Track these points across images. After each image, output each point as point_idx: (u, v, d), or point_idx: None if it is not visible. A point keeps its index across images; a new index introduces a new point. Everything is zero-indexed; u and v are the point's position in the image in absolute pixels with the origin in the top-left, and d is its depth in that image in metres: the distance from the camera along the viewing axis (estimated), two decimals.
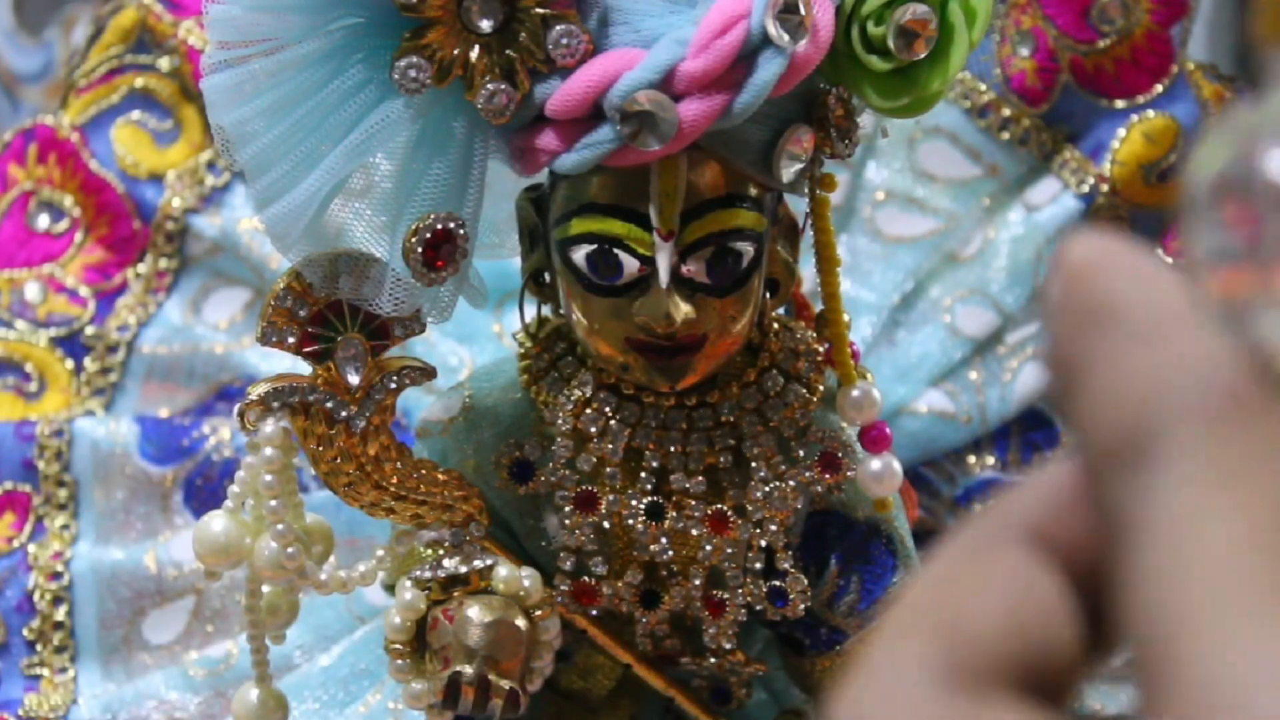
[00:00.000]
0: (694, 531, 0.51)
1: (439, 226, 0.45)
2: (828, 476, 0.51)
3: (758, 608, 0.52)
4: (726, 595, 0.52)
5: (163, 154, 0.70)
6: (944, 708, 0.20)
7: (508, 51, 0.44)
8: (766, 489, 0.50)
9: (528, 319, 0.53)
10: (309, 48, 0.43)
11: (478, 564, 0.51)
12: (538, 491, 0.52)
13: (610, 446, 0.50)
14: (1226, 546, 0.19)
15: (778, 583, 0.51)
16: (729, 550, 0.51)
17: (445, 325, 0.50)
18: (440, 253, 0.45)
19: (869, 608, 0.53)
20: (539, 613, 0.51)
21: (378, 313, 0.47)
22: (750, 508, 0.51)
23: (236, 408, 0.48)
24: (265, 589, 0.52)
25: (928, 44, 0.45)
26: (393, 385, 0.48)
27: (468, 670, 0.49)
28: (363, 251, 0.47)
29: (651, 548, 0.51)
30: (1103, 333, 0.21)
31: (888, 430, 0.51)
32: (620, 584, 0.52)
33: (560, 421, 0.51)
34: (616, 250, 0.47)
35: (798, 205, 0.51)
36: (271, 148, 0.44)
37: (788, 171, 0.47)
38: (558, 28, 0.44)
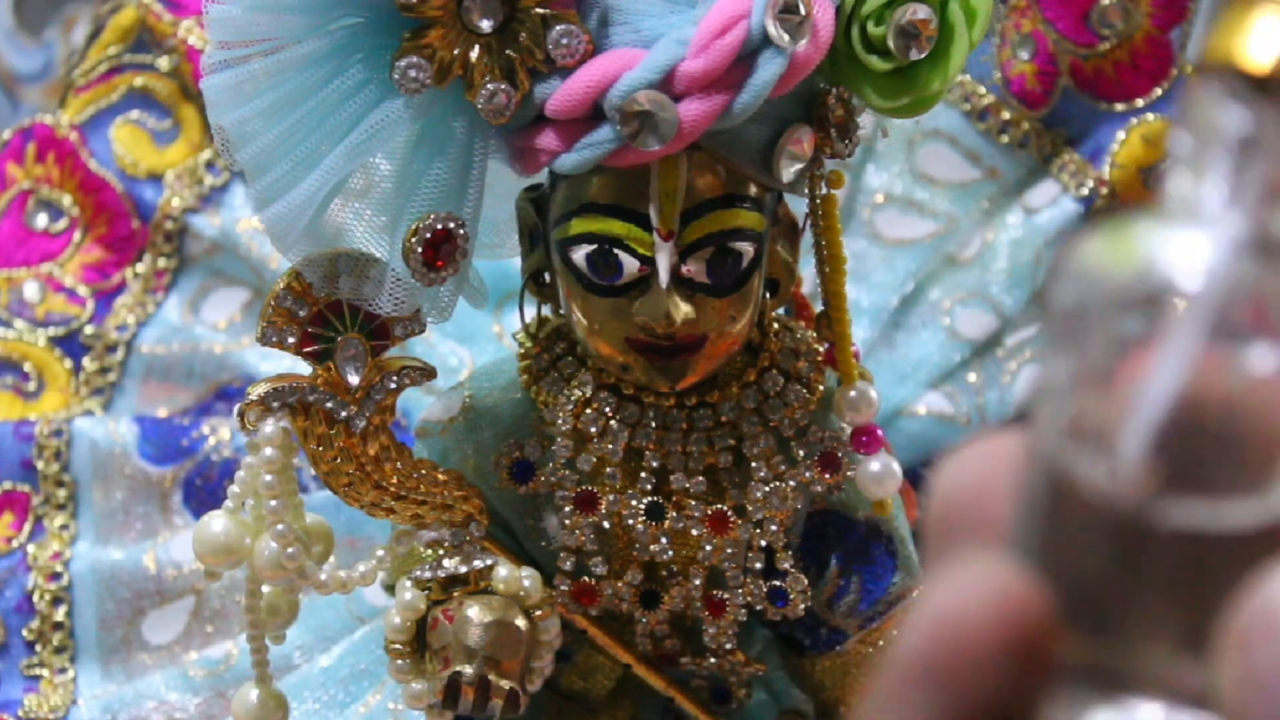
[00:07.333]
0: (694, 531, 0.51)
1: (439, 226, 0.45)
2: (827, 476, 0.51)
3: (758, 608, 0.52)
4: (726, 595, 0.52)
5: (162, 153, 0.70)
6: None
7: (508, 51, 0.44)
8: (766, 489, 0.50)
9: (528, 319, 0.53)
10: (309, 48, 0.43)
11: (478, 564, 0.51)
12: (538, 491, 0.52)
13: (610, 446, 0.50)
14: None
15: (778, 583, 0.52)
16: (729, 550, 0.51)
17: (445, 325, 0.50)
18: (440, 253, 0.45)
19: (869, 608, 0.53)
20: (539, 613, 0.51)
21: (378, 313, 0.47)
22: (750, 508, 0.51)
23: (236, 408, 0.48)
24: (265, 589, 0.52)
25: (928, 44, 0.45)
26: (393, 385, 0.48)
27: (468, 670, 0.49)
28: (363, 251, 0.47)
29: (651, 548, 0.51)
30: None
31: (880, 433, 0.51)
32: (620, 584, 0.52)
33: (560, 421, 0.51)
34: (616, 250, 0.47)
35: (798, 205, 0.52)
36: (271, 148, 0.44)
37: (788, 171, 0.47)
38: (558, 28, 0.44)
